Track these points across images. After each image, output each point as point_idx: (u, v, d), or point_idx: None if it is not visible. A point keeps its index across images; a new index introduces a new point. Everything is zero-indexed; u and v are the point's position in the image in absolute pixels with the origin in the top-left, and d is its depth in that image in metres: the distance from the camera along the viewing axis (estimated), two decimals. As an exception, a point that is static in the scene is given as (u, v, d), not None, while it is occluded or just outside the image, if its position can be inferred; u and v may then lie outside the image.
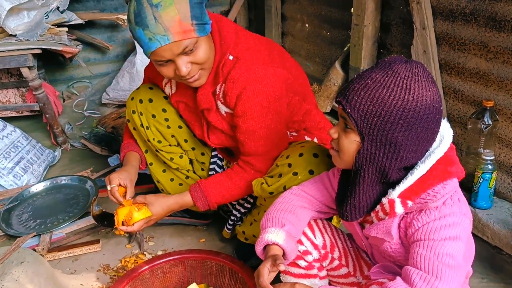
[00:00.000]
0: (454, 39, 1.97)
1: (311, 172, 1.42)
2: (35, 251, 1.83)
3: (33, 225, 2.03)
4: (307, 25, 3.18)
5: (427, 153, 1.07)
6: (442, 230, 1.03)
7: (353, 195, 1.12)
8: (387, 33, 2.37)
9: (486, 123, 1.78)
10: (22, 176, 2.38)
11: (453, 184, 1.06)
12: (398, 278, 1.06)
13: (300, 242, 1.29)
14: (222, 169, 1.84)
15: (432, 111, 1.02)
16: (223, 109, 1.55)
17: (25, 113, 2.98)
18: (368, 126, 1.03)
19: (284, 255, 1.19)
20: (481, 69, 1.87)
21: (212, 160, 1.86)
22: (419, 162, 1.07)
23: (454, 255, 1.02)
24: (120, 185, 1.61)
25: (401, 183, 1.06)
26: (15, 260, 1.60)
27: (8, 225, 2.03)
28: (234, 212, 1.78)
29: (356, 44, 2.45)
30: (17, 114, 2.97)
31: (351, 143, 1.08)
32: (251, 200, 1.73)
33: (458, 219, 1.04)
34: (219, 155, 1.85)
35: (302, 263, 1.30)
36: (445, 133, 1.10)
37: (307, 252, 1.30)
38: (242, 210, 1.76)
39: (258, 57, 1.47)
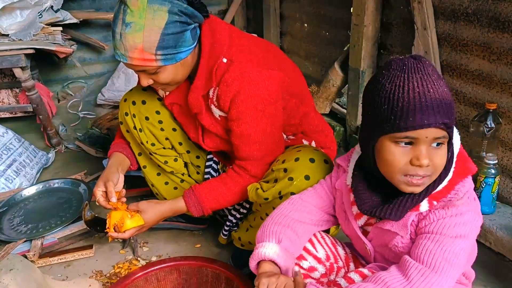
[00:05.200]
0: (456, 39, 1.93)
1: (307, 178, 1.37)
2: (26, 257, 1.79)
3: (24, 230, 1.98)
4: (306, 25, 3.14)
5: None
6: (456, 227, 1.01)
7: (418, 196, 1.05)
8: (388, 34, 2.33)
9: (489, 126, 1.75)
10: (14, 179, 2.33)
11: (469, 182, 1.05)
12: (392, 267, 1.04)
13: (302, 258, 1.23)
14: (217, 173, 1.80)
15: None
16: (217, 113, 1.51)
17: (19, 114, 2.96)
18: (452, 129, 1.00)
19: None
20: (484, 71, 1.83)
21: (208, 163, 1.82)
22: None
23: (459, 254, 1.01)
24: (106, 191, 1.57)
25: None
26: (4, 268, 1.57)
27: (-1, 230, 1.99)
28: (230, 217, 1.74)
29: (355, 45, 2.41)
30: (11, 115, 2.95)
31: (444, 157, 1.01)
32: (247, 205, 1.69)
33: (472, 218, 1.03)
34: (214, 159, 1.81)
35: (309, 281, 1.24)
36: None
37: (312, 269, 1.23)
38: (238, 216, 1.72)
39: (252, 59, 1.43)
